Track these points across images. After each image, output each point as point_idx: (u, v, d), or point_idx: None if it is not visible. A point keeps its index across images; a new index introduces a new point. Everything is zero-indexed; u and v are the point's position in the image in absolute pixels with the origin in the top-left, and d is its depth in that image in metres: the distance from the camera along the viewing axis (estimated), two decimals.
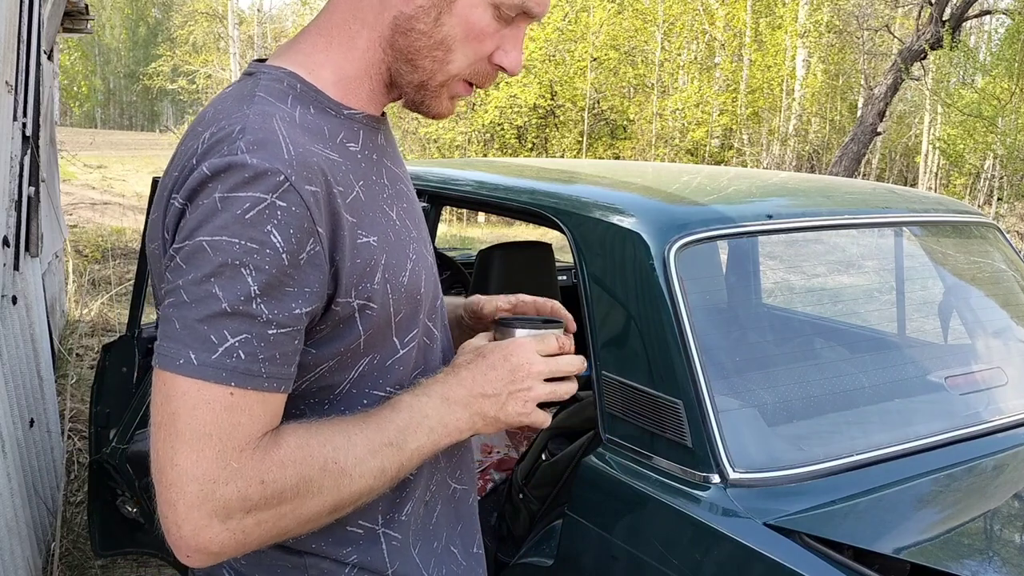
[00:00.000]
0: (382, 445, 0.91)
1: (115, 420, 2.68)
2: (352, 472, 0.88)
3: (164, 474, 0.82)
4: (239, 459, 0.82)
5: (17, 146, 3.11)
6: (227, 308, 0.81)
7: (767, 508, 1.35)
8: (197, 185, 0.83)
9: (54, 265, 5.50)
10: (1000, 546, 1.42)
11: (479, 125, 18.22)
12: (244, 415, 0.83)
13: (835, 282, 2.26)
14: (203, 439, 0.81)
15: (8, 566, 2.37)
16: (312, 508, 0.87)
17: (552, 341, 1.04)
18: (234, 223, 0.81)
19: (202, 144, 0.86)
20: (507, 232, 14.33)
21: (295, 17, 30.22)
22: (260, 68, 0.96)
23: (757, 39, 19.46)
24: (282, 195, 0.82)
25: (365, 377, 0.96)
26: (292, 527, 0.87)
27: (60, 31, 5.93)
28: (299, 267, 0.84)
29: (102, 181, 16.44)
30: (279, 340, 0.84)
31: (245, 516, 0.83)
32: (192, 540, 0.82)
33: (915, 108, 22.36)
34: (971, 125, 13.81)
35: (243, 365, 0.82)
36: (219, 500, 0.81)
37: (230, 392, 0.82)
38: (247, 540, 0.84)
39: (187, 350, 0.81)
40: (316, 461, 0.86)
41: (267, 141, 0.84)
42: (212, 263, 0.81)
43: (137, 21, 47.47)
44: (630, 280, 1.56)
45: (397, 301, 0.95)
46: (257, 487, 0.83)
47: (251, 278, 0.81)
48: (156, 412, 0.84)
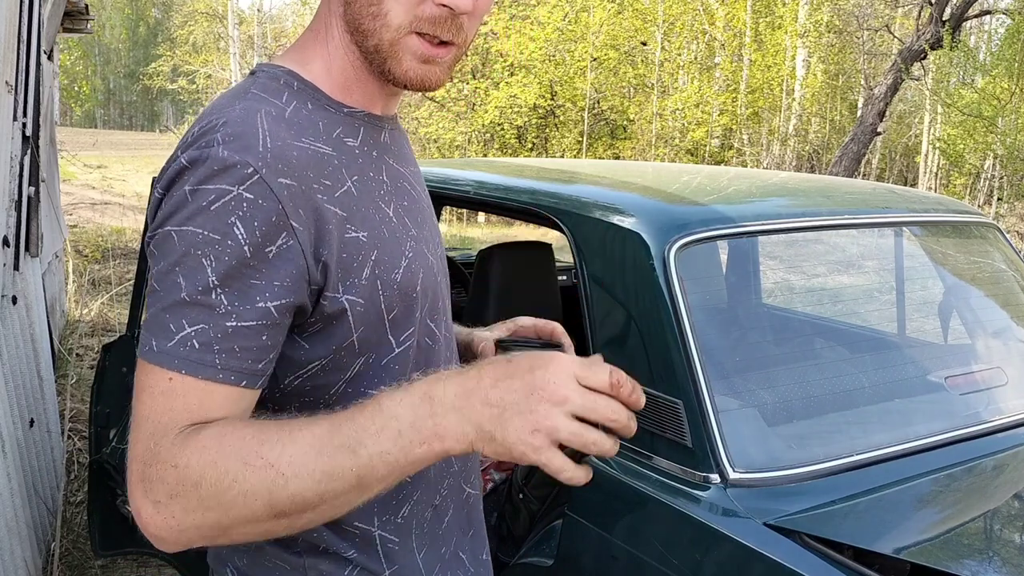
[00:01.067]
0: (333, 447, 0.80)
1: (115, 420, 2.68)
2: (285, 471, 0.79)
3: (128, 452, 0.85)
4: (160, 442, 0.82)
5: (17, 146, 3.11)
6: (186, 297, 0.82)
7: (767, 508, 1.35)
8: (174, 176, 0.85)
9: (54, 265, 5.50)
10: (1000, 546, 1.42)
11: (479, 125, 18.22)
12: (178, 401, 0.83)
13: (835, 282, 2.26)
14: (143, 421, 0.83)
15: (8, 566, 2.37)
16: (241, 504, 0.80)
17: (602, 372, 0.81)
18: (199, 214, 0.82)
19: (190, 137, 0.87)
20: (507, 232, 14.33)
21: (295, 17, 30.22)
22: (261, 67, 0.97)
23: (757, 39, 19.46)
24: (249, 187, 0.83)
25: (361, 376, 0.95)
26: (228, 523, 0.81)
27: (60, 31, 5.93)
28: (266, 260, 0.84)
29: (102, 181, 16.44)
30: (240, 332, 0.83)
31: (170, 501, 0.81)
32: (137, 517, 0.83)
33: (915, 108, 22.37)
34: (971, 125, 13.81)
35: (195, 355, 0.82)
36: (147, 481, 0.82)
37: (169, 378, 0.82)
38: (182, 527, 0.81)
39: (151, 336, 0.83)
40: (236, 453, 0.80)
41: (243, 134, 0.85)
42: (176, 252, 0.83)
43: (137, 21, 47.47)
44: (630, 280, 1.56)
45: (389, 298, 0.94)
46: (171, 471, 0.81)
47: (210, 268, 0.82)
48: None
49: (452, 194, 2.11)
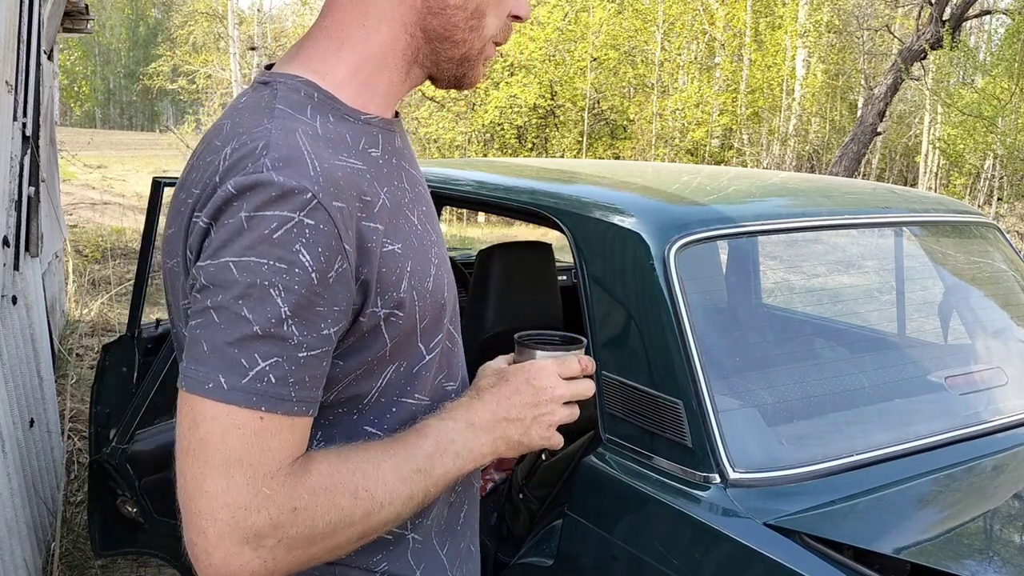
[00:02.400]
0: (411, 472, 0.90)
1: (115, 420, 2.68)
2: (383, 500, 0.87)
3: (193, 501, 0.80)
4: (271, 485, 0.80)
5: (17, 146, 3.11)
6: (258, 331, 0.79)
7: (767, 508, 1.35)
8: (222, 204, 0.81)
9: (54, 265, 5.50)
10: (1000, 546, 1.42)
11: (479, 125, 18.22)
12: (275, 440, 0.81)
13: (835, 282, 2.26)
14: (233, 465, 0.79)
15: (8, 566, 2.37)
16: (343, 536, 0.86)
17: (573, 363, 1.04)
18: (261, 243, 0.79)
19: (223, 160, 0.84)
20: (507, 232, 14.33)
21: (295, 17, 30.22)
22: (275, 77, 0.94)
23: (757, 39, 19.46)
24: (309, 213, 0.81)
25: (392, 385, 0.95)
26: (321, 554, 0.86)
27: (60, 31, 5.93)
28: (328, 286, 0.82)
29: (102, 181, 16.43)
30: (309, 363, 0.83)
31: (276, 544, 0.81)
32: (223, 568, 0.80)
33: (915, 108, 22.36)
34: (971, 125, 13.80)
35: (273, 389, 0.80)
36: (251, 528, 0.79)
37: (260, 417, 0.80)
38: (277, 567, 0.82)
39: (216, 373, 0.79)
40: (347, 488, 0.85)
41: (292, 158, 0.83)
42: (240, 284, 0.79)
43: (137, 21, 47.49)
44: (630, 280, 1.56)
45: (423, 307, 0.94)
46: (289, 515, 0.81)
47: (280, 299, 0.80)
48: (184, 437, 0.82)
49: (452, 194, 2.11)
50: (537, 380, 1.00)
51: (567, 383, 1.02)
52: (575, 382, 1.03)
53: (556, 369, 1.02)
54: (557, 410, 1.01)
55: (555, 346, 1.05)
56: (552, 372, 1.01)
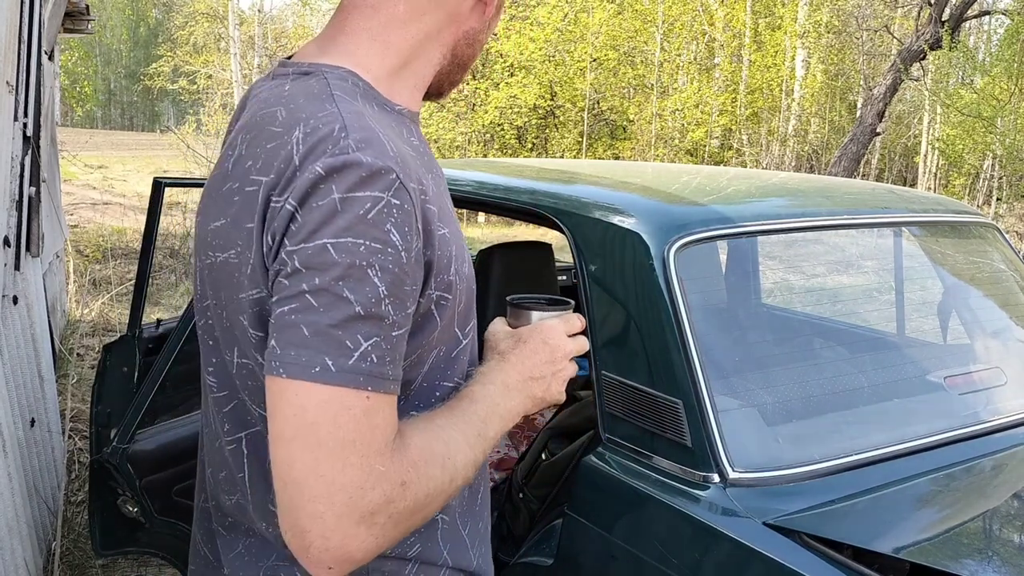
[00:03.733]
0: (474, 437, 0.94)
1: (116, 420, 2.68)
2: (459, 465, 0.91)
3: (305, 486, 0.79)
4: (382, 462, 0.81)
5: (18, 146, 3.11)
6: (360, 311, 0.80)
7: (767, 508, 1.35)
8: (310, 186, 0.81)
9: (55, 265, 5.50)
10: (1000, 546, 1.42)
11: (479, 125, 18.21)
12: (380, 418, 0.82)
13: (835, 282, 2.26)
14: (347, 447, 0.79)
15: (8, 566, 2.38)
16: (434, 505, 0.89)
17: (575, 321, 1.12)
18: (357, 223, 0.80)
19: (296, 144, 0.84)
20: (507, 232, 14.33)
21: (295, 17, 30.23)
22: (318, 68, 0.94)
23: (756, 39, 19.46)
24: (396, 193, 0.82)
25: (434, 370, 0.97)
26: (417, 525, 0.88)
27: (61, 31, 5.93)
28: (412, 265, 0.84)
29: (103, 181, 16.43)
30: (400, 341, 0.84)
31: (387, 520, 0.82)
32: (340, 550, 0.80)
33: (915, 108, 22.36)
34: (970, 125, 13.80)
35: (376, 369, 0.81)
36: (367, 506, 0.80)
37: (367, 396, 0.81)
38: (385, 543, 0.84)
39: (322, 356, 0.79)
40: (437, 459, 0.88)
41: (372, 139, 0.84)
42: (340, 265, 0.79)
43: (138, 21, 47.48)
44: (630, 280, 1.56)
45: (462, 291, 0.97)
46: (399, 489, 0.82)
47: (378, 279, 0.80)
48: (287, 424, 0.80)
49: (452, 194, 2.11)
50: (551, 339, 1.06)
51: (572, 340, 1.09)
52: (578, 338, 1.10)
53: (562, 327, 1.09)
54: (568, 366, 1.08)
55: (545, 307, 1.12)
56: (561, 331, 1.08)
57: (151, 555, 2.79)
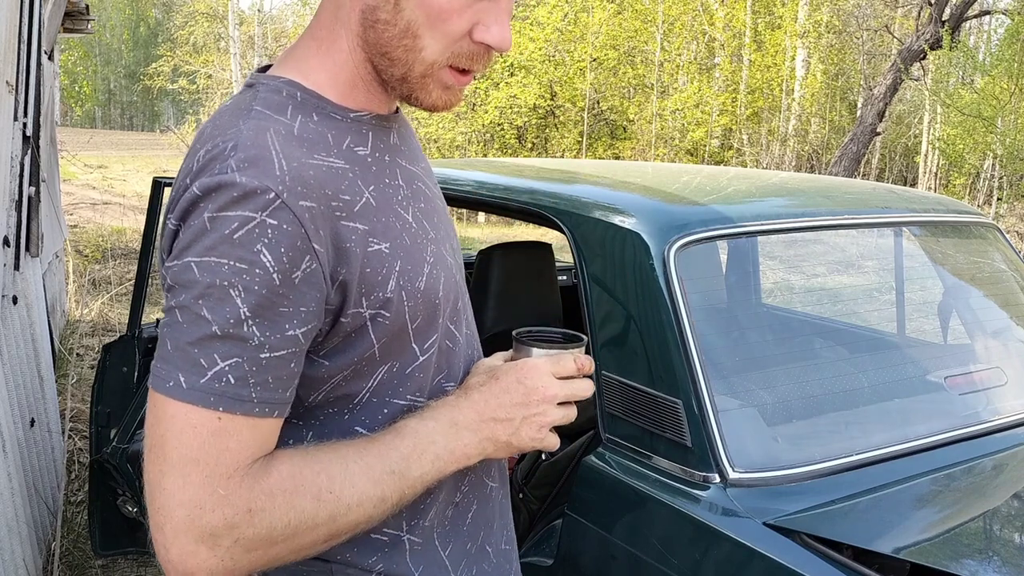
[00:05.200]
0: (383, 473, 0.88)
1: (116, 420, 2.69)
2: (349, 502, 0.86)
3: (153, 497, 0.81)
4: (226, 486, 0.80)
5: (18, 146, 3.11)
6: (216, 331, 0.79)
7: (767, 508, 1.35)
8: (188, 205, 0.82)
9: (54, 265, 5.50)
10: (1000, 546, 1.42)
11: (479, 125, 18.21)
12: (232, 440, 0.81)
13: (835, 282, 2.26)
14: (190, 464, 0.80)
15: (8, 566, 2.38)
16: (307, 538, 0.86)
17: (569, 362, 0.99)
18: (222, 243, 0.79)
19: (197, 163, 0.84)
20: (507, 232, 14.33)
21: (295, 17, 30.22)
22: (259, 79, 0.94)
23: (756, 39, 19.46)
24: (272, 213, 0.80)
25: (384, 385, 0.94)
26: (285, 555, 0.86)
27: (61, 31, 5.93)
28: (293, 286, 0.82)
29: (102, 181, 16.44)
30: (272, 364, 0.82)
31: (233, 544, 0.81)
32: (180, 564, 0.81)
33: (915, 108, 22.36)
34: (971, 125, 13.80)
35: (232, 390, 0.80)
36: (206, 527, 0.80)
37: (218, 417, 0.80)
38: (236, 566, 0.82)
39: (177, 372, 0.80)
40: (309, 490, 0.84)
41: (259, 158, 0.82)
42: (200, 284, 0.79)
43: (137, 21, 47.47)
44: (630, 280, 1.56)
45: (413, 308, 0.93)
46: (244, 515, 0.81)
47: (240, 300, 0.79)
48: (148, 433, 0.82)
49: (452, 194, 2.11)
50: (529, 379, 0.96)
51: (562, 383, 0.98)
52: (571, 382, 0.99)
53: (550, 368, 0.98)
54: (550, 411, 0.97)
55: (554, 344, 1.02)
56: (545, 371, 0.97)
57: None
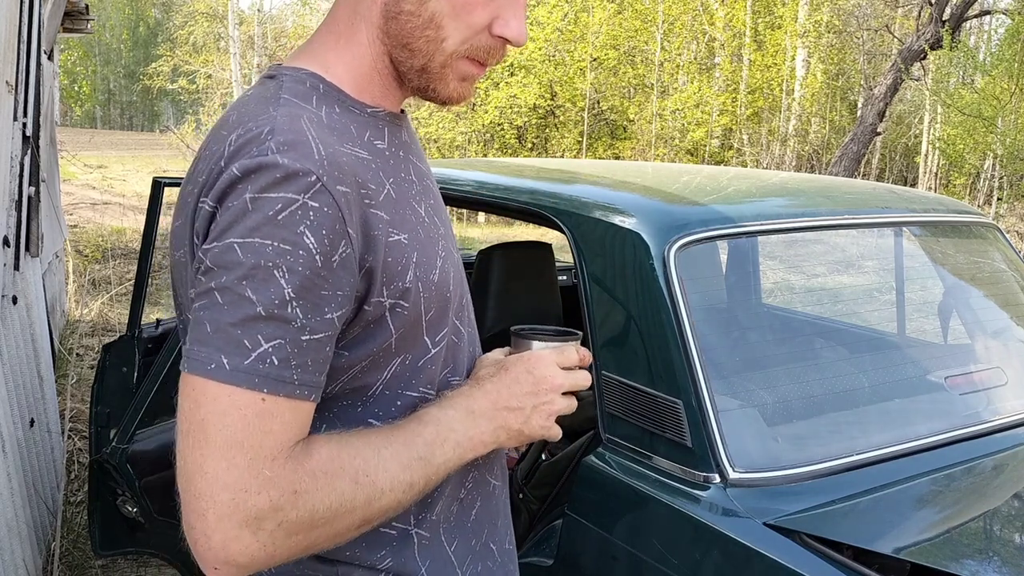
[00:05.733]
0: (412, 459, 0.90)
1: (115, 420, 2.68)
2: (383, 486, 0.87)
3: (193, 483, 0.80)
4: (272, 468, 0.80)
5: (17, 146, 3.11)
6: (261, 312, 0.79)
7: (767, 508, 1.35)
8: (227, 187, 0.82)
9: (54, 265, 5.50)
10: (1000, 546, 1.42)
11: (479, 125, 18.22)
12: (276, 422, 0.80)
13: (835, 282, 2.26)
14: (234, 447, 0.79)
15: (8, 566, 2.37)
16: (344, 522, 0.86)
17: (572, 353, 1.04)
18: (266, 224, 0.79)
19: (229, 147, 0.84)
20: (507, 232, 14.33)
21: (295, 17, 30.21)
22: (280, 70, 0.95)
23: (757, 39, 19.46)
24: (314, 195, 0.81)
25: (397, 377, 0.95)
26: (322, 541, 0.86)
27: (60, 31, 5.93)
28: (332, 270, 0.82)
29: (102, 181, 16.44)
30: (312, 346, 0.82)
31: (276, 527, 0.80)
32: (222, 551, 0.79)
33: (915, 108, 22.36)
34: (971, 125, 13.80)
35: (276, 371, 0.80)
36: (251, 510, 0.79)
37: (262, 398, 0.80)
38: (276, 552, 0.82)
39: (219, 354, 0.79)
40: (348, 473, 0.85)
41: (297, 142, 0.83)
42: (244, 265, 0.79)
43: (137, 21, 47.46)
44: (630, 280, 1.56)
45: (428, 299, 0.94)
46: (290, 497, 0.80)
47: (284, 280, 0.79)
48: (184, 419, 0.81)
49: (452, 194, 2.11)
50: (537, 369, 1.01)
51: (566, 373, 1.02)
52: (573, 372, 1.03)
53: (555, 358, 1.02)
54: (557, 399, 1.02)
55: (550, 338, 1.06)
56: (551, 361, 1.02)
57: (151, 555, 2.79)
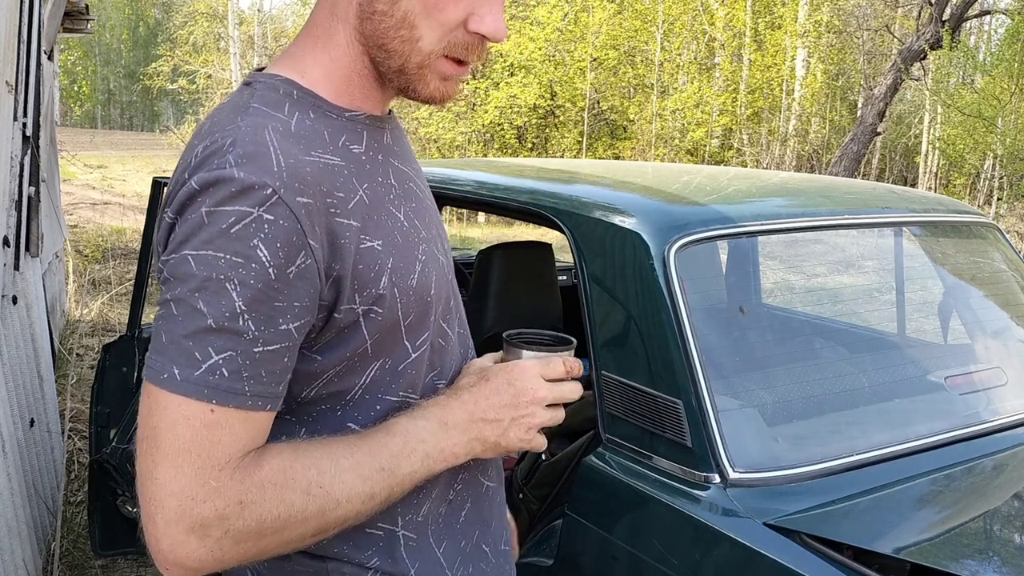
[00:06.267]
0: (373, 470, 0.90)
1: (115, 420, 2.68)
2: (339, 497, 0.88)
3: (145, 487, 0.82)
4: (218, 478, 0.81)
5: (17, 146, 3.11)
6: (212, 324, 0.80)
7: (767, 508, 1.35)
8: (186, 199, 0.83)
9: (54, 265, 5.50)
10: (1000, 546, 1.42)
11: (479, 125, 18.21)
12: (225, 433, 0.82)
13: (835, 282, 2.26)
14: (182, 455, 0.81)
15: (8, 566, 2.37)
16: (295, 531, 0.87)
17: (558, 365, 1.01)
18: (219, 237, 0.80)
19: (195, 158, 0.85)
20: (507, 232, 14.33)
21: (295, 17, 30.23)
22: (256, 77, 0.95)
23: (757, 39, 19.46)
24: (269, 208, 0.81)
25: (377, 382, 0.95)
26: (273, 547, 0.87)
27: (60, 31, 5.93)
28: (288, 282, 0.83)
29: (102, 181, 16.44)
30: (265, 358, 0.83)
31: (223, 535, 0.82)
32: (170, 554, 0.82)
33: (915, 108, 22.37)
34: (971, 125, 13.80)
35: (226, 383, 0.81)
36: (196, 517, 0.81)
37: (211, 409, 0.81)
38: (225, 557, 0.83)
39: (171, 365, 0.81)
40: (299, 484, 0.86)
41: (256, 154, 0.83)
42: (197, 277, 0.80)
43: (137, 21, 47.46)
44: (630, 280, 1.56)
45: (406, 304, 0.94)
46: (235, 507, 0.82)
47: (236, 293, 0.80)
48: (141, 424, 0.83)
49: (452, 194, 2.11)
50: (518, 381, 0.99)
51: (550, 385, 1.00)
52: (559, 384, 1.01)
53: (539, 370, 1.00)
54: (538, 412, 0.99)
55: (543, 346, 1.03)
56: (534, 373, 0.99)
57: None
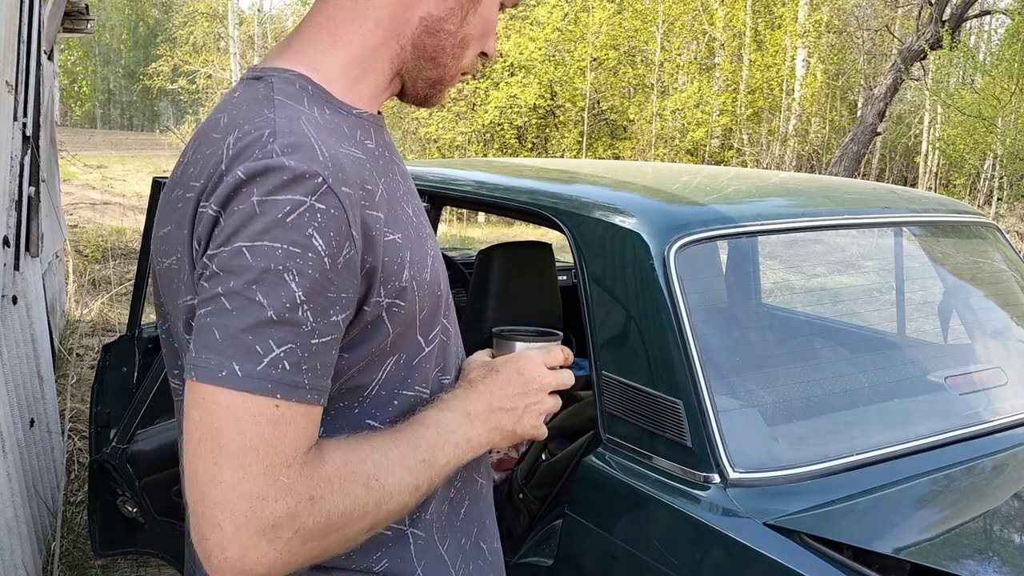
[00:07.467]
0: (416, 462, 0.91)
1: (115, 420, 2.68)
2: (392, 490, 0.88)
3: (207, 493, 0.78)
4: (288, 474, 0.79)
5: (17, 146, 3.11)
6: (272, 316, 0.78)
7: (767, 508, 1.35)
8: (231, 190, 0.80)
9: (54, 265, 5.50)
10: (1000, 546, 1.42)
11: (479, 125, 18.21)
12: (290, 428, 0.79)
13: (835, 282, 2.26)
14: (249, 454, 0.77)
15: (8, 566, 2.37)
16: (356, 527, 0.85)
17: (558, 353, 1.07)
18: (275, 227, 0.78)
19: (227, 150, 0.83)
20: (507, 232, 14.33)
21: (295, 17, 30.21)
22: (267, 72, 0.94)
23: (757, 39, 19.46)
24: (320, 197, 0.80)
25: (392, 377, 0.95)
26: (335, 546, 0.85)
27: (60, 31, 5.93)
28: (338, 272, 0.82)
29: (102, 181, 16.44)
30: (320, 350, 0.82)
31: (293, 535, 0.79)
32: (239, 562, 0.78)
33: (915, 108, 22.37)
34: (971, 125, 13.81)
35: (288, 376, 0.79)
36: (268, 518, 0.78)
37: (276, 404, 0.78)
38: (292, 560, 0.81)
39: (230, 361, 0.78)
40: (360, 478, 0.85)
41: (301, 143, 0.82)
42: (254, 269, 0.78)
43: (137, 21, 47.45)
44: (630, 280, 1.56)
45: (422, 298, 0.94)
46: (306, 504, 0.80)
47: (295, 284, 0.78)
48: (194, 428, 0.79)
49: (452, 194, 2.11)
50: (527, 370, 1.03)
51: (553, 372, 1.05)
52: (560, 371, 1.06)
53: (542, 358, 1.05)
54: (545, 399, 1.04)
55: (532, 339, 1.08)
56: (539, 362, 1.04)
57: (150, 555, 2.79)
